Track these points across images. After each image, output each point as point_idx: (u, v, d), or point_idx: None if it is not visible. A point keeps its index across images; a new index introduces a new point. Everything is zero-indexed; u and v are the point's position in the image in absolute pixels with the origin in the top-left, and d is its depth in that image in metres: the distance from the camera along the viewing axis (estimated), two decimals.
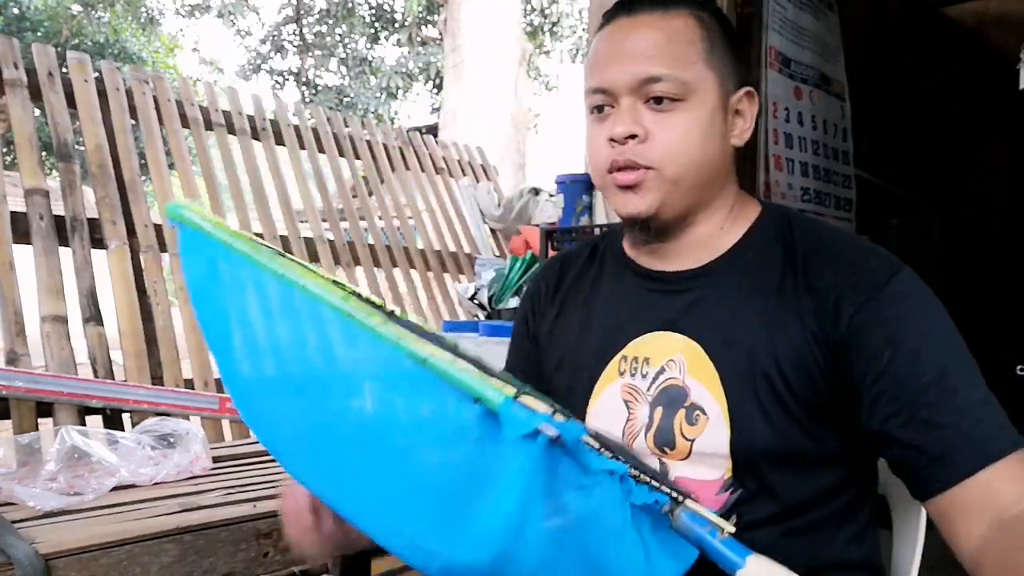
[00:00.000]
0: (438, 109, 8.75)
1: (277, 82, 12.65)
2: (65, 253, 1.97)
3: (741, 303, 0.79)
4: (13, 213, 1.92)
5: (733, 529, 0.55)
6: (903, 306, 0.73)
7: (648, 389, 0.82)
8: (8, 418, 1.69)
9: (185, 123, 2.50)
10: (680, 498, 0.57)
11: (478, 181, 3.62)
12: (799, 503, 0.77)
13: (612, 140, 0.79)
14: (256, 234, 2.52)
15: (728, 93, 0.81)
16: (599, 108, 0.81)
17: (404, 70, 11.28)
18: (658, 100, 0.78)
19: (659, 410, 0.81)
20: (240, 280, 0.57)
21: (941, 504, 0.70)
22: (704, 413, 0.77)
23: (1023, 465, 0.68)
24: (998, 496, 0.67)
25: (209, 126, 2.58)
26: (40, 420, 1.71)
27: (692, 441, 0.78)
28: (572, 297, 0.93)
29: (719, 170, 0.82)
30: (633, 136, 0.78)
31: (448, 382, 0.48)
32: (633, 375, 0.83)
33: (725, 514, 0.77)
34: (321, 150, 2.97)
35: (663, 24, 0.79)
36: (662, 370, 0.81)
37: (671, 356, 0.81)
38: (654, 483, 0.57)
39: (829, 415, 0.75)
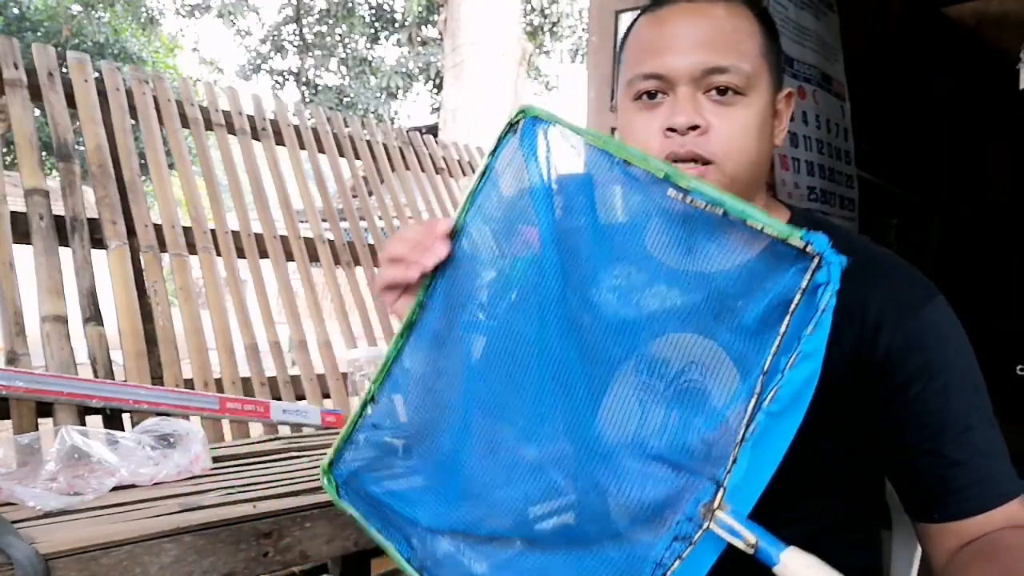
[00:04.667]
0: (438, 109, 8.74)
1: (277, 82, 12.66)
2: (65, 253, 1.97)
3: None
4: (13, 213, 1.92)
5: (754, 541, 0.54)
6: (938, 336, 0.73)
7: (665, 391, 0.82)
8: (8, 418, 1.69)
9: (185, 123, 2.50)
10: (718, 503, 0.57)
11: None
12: (808, 510, 0.77)
13: (670, 130, 0.74)
14: (256, 235, 2.52)
15: (776, 92, 0.80)
16: (650, 95, 0.76)
17: (404, 70, 11.30)
18: (721, 91, 0.74)
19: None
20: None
21: (937, 529, 0.73)
22: None
23: (1021, 506, 0.71)
24: (992, 529, 0.70)
25: (209, 126, 2.58)
26: (40, 420, 1.71)
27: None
28: None
29: (765, 169, 0.80)
30: (695, 127, 0.74)
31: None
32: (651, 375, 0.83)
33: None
34: (321, 150, 2.96)
35: (726, 15, 0.75)
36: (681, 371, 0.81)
37: (692, 359, 0.81)
38: None
39: (847, 430, 0.75)
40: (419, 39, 11.30)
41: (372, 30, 11.93)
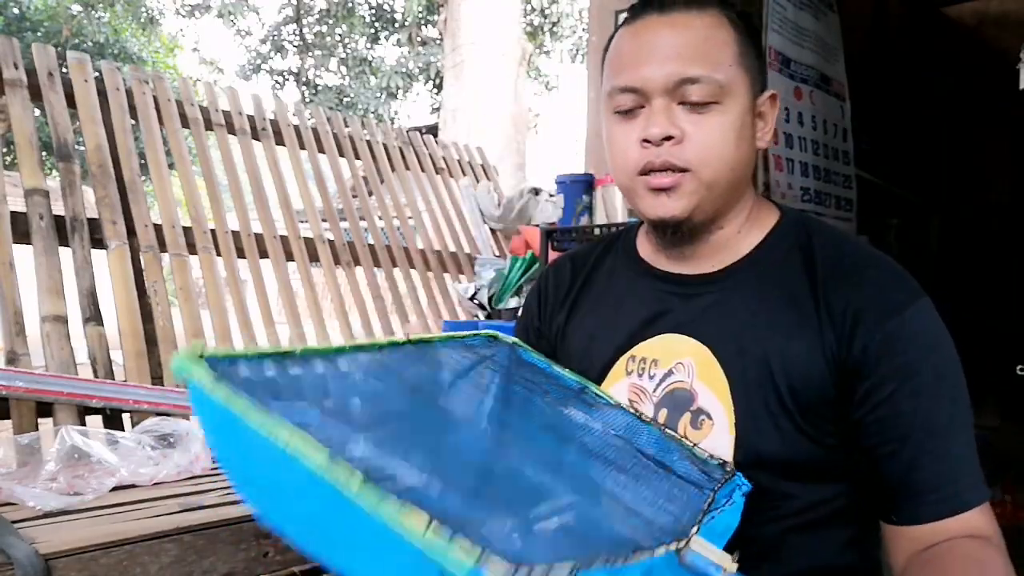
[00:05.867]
0: (438, 109, 8.74)
1: (277, 82, 12.65)
2: (65, 253, 1.97)
3: (757, 310, 0.78)
4: (13, 213, 1.92)
5: (735, 567, 0.55)
6: (917, 341, 0.73)
7: (654, 390, 0.82)
8: (8, 418, 1.69)
9: (185, 123, 2.50)
10: (686, 541, 0.57)
11: (478, 181, 3.62)
12: (800, 507, 0.77)
13: (646, 141, 0.77)
14: (256, 235, 2.52)
15: (756, 95, 0.80)
16: (628, 108, 0.79)
17: (404, 70, 11.29)
18: (694, 102, 0.75)
19: (664, 412, 0.81)
20: (241, 437, 0.58)
21: (896, 531, 0.74)
22: (710, 418, 0.78)
23: (980, 516, 0.71)
24: (948, 537, 0.71)
25: (209, 126, 2.58)
26: (40, 420, 1.71)
27: (696, 445, 0.78)
28: (583, 297, 0.93)
29: (747, 173, 0.81)
30: (669, 137, 0.76)
31: (420, 548, 0.49)
32: (640, 375, 0.83)
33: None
34: (321, 150, 2.97)
35: (698, 23, 0.76)
36: (670, 372, 0.81)
37: (680, 359, 0.81)
38: (647, 552, 0.56)
39: (834, 428, 0.76)
40: (419, 39, 11.30)
41: (372, 30, 11.92)
